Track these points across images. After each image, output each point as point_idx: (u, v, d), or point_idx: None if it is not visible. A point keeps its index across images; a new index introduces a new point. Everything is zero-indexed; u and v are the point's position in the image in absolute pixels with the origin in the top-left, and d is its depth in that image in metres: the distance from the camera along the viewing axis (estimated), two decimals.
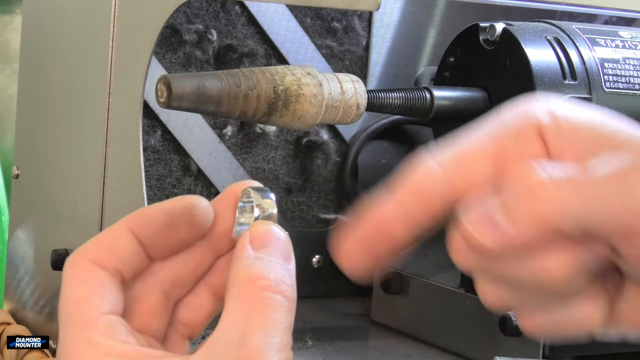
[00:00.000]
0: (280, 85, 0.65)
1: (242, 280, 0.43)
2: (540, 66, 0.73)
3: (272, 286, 0.42)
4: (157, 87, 0.61)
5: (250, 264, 0.43)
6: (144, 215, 0.45)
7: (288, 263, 0.44)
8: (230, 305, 0.42)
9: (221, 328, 0.42)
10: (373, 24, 0.93)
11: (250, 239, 0.44)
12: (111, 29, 0.73)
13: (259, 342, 0.41)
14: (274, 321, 0.42)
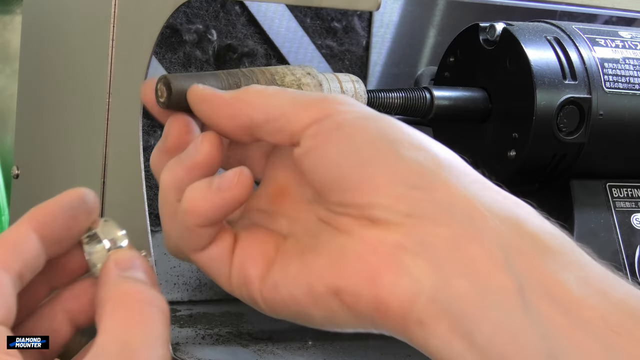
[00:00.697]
0: (280, 85, 0.65)
1: (117, 295, 0.43)
2: (540, 66, 0.73)
3: (150, 299, 0.43)
4: (157, 87, 0.61)
5: (122, 281, 0.44)
6: (45, 212, 0.46)
7: (155, 287, 0.45)
8: (106, 322, 0.42)
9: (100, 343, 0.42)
10: (373, 24, 0.93)
11: (115, 262, 0.45)
12: (111, 29, 0.73)
13: (143, 355, 0.41)
14: (155, 333, 0.42)
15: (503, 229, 0.44)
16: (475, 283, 0.42)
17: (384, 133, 0.45)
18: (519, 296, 0.42)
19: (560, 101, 0.73)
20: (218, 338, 0.78)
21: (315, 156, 0.46)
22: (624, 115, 0.76)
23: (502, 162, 0.75)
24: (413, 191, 0.44)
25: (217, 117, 0.50)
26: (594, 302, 0.42)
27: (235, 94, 0.50)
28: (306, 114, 0.47)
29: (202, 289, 0.87)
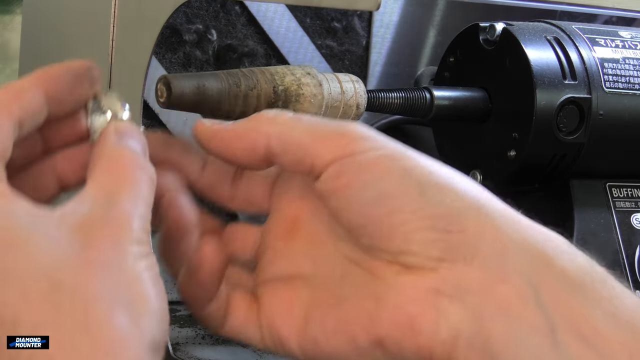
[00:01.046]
0: (280, 85, 0.65)
1: (112, 155, 0.46)
2: (540, 66, 0.73)
3: (140, 163, 0.46)
4: (157, 87, 0.61)
5: (118, 144, 0.46)
6: (52, 72, 0.47)
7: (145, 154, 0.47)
8: (97, 174, 0.45)
9: (88, 190, 0.44)
10: (373, 24, 0.93)
11: (115, 129, 0.47)
12: (111, 29, 0.73)
13: (127, 206, 0.43)
14: (141, 193, 0.44)
15: (533, 265, 0.45)
16: (509, 325, 0.43)
17: (410, 175, 0.46)
18: (550, 335, 0.43)
19: (560, 101, 0.73)
20: (218, 338, 0.78)
21: (340, 198, 0.46)
22: (624, 115, 0.76)
23: (502, 162, 0.75)
24: (443, 235, 0.45)
25: (231, 152, 0.49)
26: (622, 338, 0.43)
27: (247, 124, 0.49)
28: (326, 150, 0.47)
29: None
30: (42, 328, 0.40)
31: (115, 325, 0.40)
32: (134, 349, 0.40)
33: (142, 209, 0.44)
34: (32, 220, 0.42)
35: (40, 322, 0.40)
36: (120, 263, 0.41)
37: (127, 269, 0.42)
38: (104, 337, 0.39)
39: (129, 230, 0.42)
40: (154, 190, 0.45)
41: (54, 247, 0.41)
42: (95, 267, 0.41)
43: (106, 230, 0.42)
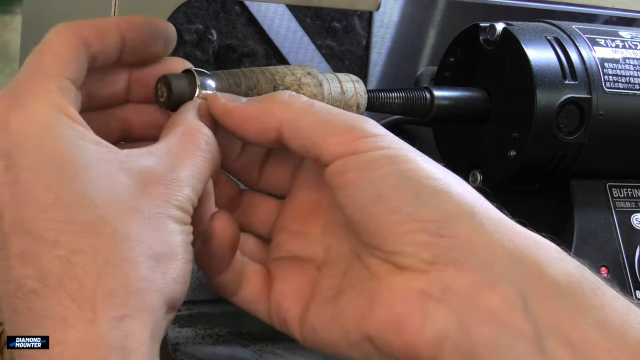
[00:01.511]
0: (280, 85, 0.65)
1: (190, 126, 0.49)
2: (540, 66, 0.73)
3: (210, 143, 0.49)
4: (157, 87, 0.61)
5: (198, 121, 0.50)
6: (134, 20, 0.51)
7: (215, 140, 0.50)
8: (170, 138, 0.48)
9: (157, 147, 0.47)
10: (373, 24, 0.93)
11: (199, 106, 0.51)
12: None
13: (186, 176, 0.46)
14: (201, 170, 0.47)
15: (523, 273, 0.45)
16: (494, 331, 0.44)
17: (407, 177, 0.47)
18: (537, 342, 0.44)
19: (560, 101, 0.73)
20: (218, 338, 0.78)
21: (344, 194, 0.48)
22: (624, 115, 0.76)
23: (502, 162, 0.75)
24: (436, 239, 0.46)
25: (243, 131, 0.51)
26: (611, 346, 0.44)
27: (261, 105, 0.51)
28: (333, 144, 0.48)
29: (202, 289, 0.87)
30: (78, 254, 0.41)
31: (144, 268, 0.42)
32: (153, 294, 0.42)
33: (198, 184, 0.47)
34: (99, 153, 0.44)
35: (77, 248, 0.41)
36: (163, 220, 0.44)
37: (167, 226, 0.44)
38: (130, 275, 0.42)
39: (179, 196, 0.45)
40: (213, 171, 0.48)
41: (110, 185, 0.43)
42: (141, 214, 0.43)
43: (161, 188, 0.45)
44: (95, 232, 0.42)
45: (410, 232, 0.46)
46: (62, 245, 0.41)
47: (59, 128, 0.44)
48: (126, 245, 0.42)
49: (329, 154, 0.48)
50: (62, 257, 0.41)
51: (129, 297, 0.41)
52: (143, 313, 0.42)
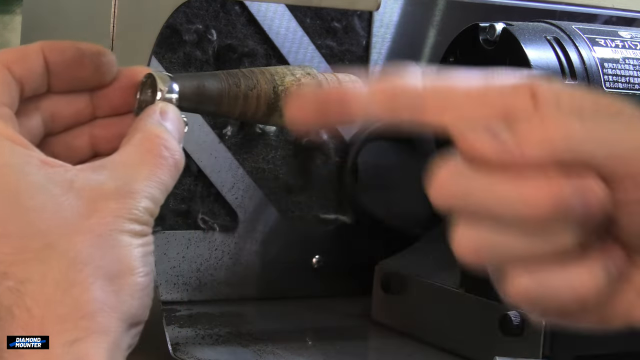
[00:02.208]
0: (280, 85, 0.65)
1: (149, 132, 0.47)
2: (540, 66, 0.73)
3: (170, 148, 0.47)
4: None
5: (159, 125, 0.48)
6: (58, 44, 0.49)
7: (180, 142, 0.49)
8: (128, 145, 0.47)
9: (111, 159, 0.46)
10: (373, 24, 0.93)
11: (160, 109, 0.49)
12: (111, 29, 0.73)
13: (141, 186, 0.45)
14: (160, 178, 0.46)
15: None
16: None
17: None
18: None
19: None
20: (218, 338, 0.78)
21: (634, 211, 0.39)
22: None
23: None
24: None
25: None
26: None
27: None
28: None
29: (202, 289, 0.87)
30: (27, 283, 0.41)
31: (95, 289, 0.42)
32: (107, 314, 0.42)
33: (156, 192, 0.45)
34: (45, 176, 0.43)
35: (26, 277, 0.42)
36: (115, 237, 0.43)
37: (120, 243, 0.43)
38: (80, 298, 0.42)
39: (134, 209, 0.44)
40: (176, 177, 0.47)
41: (57, 209, 0.43)
42: (90, 235, 0.43)
43: (112, 204, 0.44)
44: (44, 259, 0.42)
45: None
46: (11, 276, 0.42)
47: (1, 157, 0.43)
48: (73, 268, 0.42)
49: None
50: (11, 287, 0.42)
51: (80, 320, 0.41)
52: (97, 334, 0.41)
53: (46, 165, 0.44)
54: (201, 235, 0.87)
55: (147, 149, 0.46)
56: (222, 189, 0.88)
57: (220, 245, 0.88)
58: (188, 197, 0.86)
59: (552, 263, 0.39)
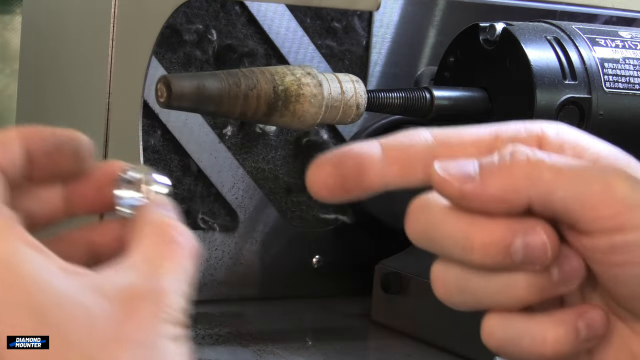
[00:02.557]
0: (280, 85, 0.65)
1: (158, 223, 0.44)
2: (540, 66, 0.73)
3: (184, 234, 0.44)
4: (157, 87, 0.61)
5: (162, 216, 0.45)
6: (37, 130, 0.46)
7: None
8: (141, 243, 0.43)
9: (131, 258, 0.42)
10: (373, 24, 0.93)
11: (157, 202, 0.46)
12: (111, 29, 0.73)
13: (170, 282, 0.42)
14: (184, 269, 0.43)
15: None
16: None
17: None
18: None
19: (560, 101, 0.73)
20: (218, 338, 0.78)
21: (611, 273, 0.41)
22: (624, 115, 0.76)
23: None
24: None
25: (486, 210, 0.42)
26: None
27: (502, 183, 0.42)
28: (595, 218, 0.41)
29: (202, 289, 0.87)
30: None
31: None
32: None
33: (184, 285, 0.43)
34: (68, 283, 0.40)
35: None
36: (154, 343, 0.40)
37: (160, 349, 0.40)
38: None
39: (168, 308, 0.41)
40: (196, 262, 0.44)
41: (90, 318, 0.40)
42: (129, 344, 0.40)
43: (146, 305, 0.41)
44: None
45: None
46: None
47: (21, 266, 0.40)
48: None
49: (589, 229, 0.41)
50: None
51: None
52: None
53: (67, 272, 0.41)
54: (201, 235, 0.87)
55: (163, 241, 0.43)
56: (222, 189, 0.88)
57: (220, 245, 0.88)
58: (188, 197, 0.86)
59: (518, 311, 0.42)
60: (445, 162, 0.42)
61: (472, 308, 0.43)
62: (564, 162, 0.41)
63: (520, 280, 0.41)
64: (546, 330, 0.41)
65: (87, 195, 0.49)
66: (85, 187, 0.48)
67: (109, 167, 0.49)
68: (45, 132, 0.47)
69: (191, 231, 0.45)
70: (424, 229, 0.42)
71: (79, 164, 0.48)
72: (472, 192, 0.41)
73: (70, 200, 0.49)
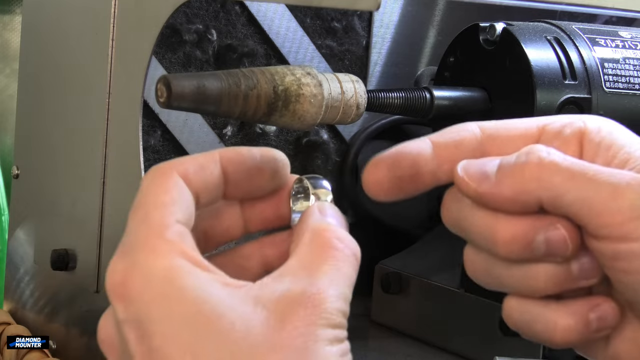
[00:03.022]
0: (280, 85, 0.65)
1: (316, 228, 0.45)
2: (540, 66, 0.73)
3: (342, 238, 0.44)
4: (157, 87, 0.61)
5: (322, 220, 0.45)
6: (236, 152, 0.47)
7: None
8: (300, 247, 0.44)
9: (289, 265, 0.43)
10: (373, 24, 0.93)
11: (318, 207, 0.47)
12: (111, 29, 0.73)
13: (325, 285, 0.42)
14: (343, 272, 0.43)
15: None
16: None
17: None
18: None
19: (560, 101, 0.73)
20: None
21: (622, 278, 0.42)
22: (624, 115, 0.76)
23: None
24: None
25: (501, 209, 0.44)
26: None
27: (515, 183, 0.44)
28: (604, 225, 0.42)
29: None
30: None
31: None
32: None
33: (343, 289, 0.42)
34: (230, 297, 0.41)
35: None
36: (310, 347, 0.40)
37: (316, 353, 0.41)
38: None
39: (325, 313, 0.41)
40: (357, 268, 0.44)
41: (246, 328, 0.40)
42: (283, 351, 0.40)
43: (302, 310, 0.41)
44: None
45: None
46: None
47: (182, 280, 0.41)
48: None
49: (596, 234, 0.42)
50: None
51: None
52: None
53: (228, 285, 0.42)
54: None
55: (319, 246, 0.44)
56: None
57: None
58: None
59: (535, 298, 0.44)
60: (469, 163, 0.44)
61: (496, 289, 0.45)
62: (578, 165, 0.43)
63: (541, 273, 0.43)
64: (558, 318, 0.43)
65: (264, 212, 0.49)
66: (262, 203, 0.49)
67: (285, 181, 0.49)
68: (244, 154, 0.47)
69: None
70: (456, 218, 0.45)
71: (276, 183, 0.48)
72: (486, 192, 0.43)
73: (248, 218, 0.49)
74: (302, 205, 0.48)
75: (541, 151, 0.43)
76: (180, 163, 0.45)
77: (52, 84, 0.83)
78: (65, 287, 0.78)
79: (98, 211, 0.74)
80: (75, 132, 0.78)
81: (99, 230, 0.74)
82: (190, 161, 0.45)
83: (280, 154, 0.48)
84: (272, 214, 0.49)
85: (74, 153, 0.79)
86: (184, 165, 0.45)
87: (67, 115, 0.80)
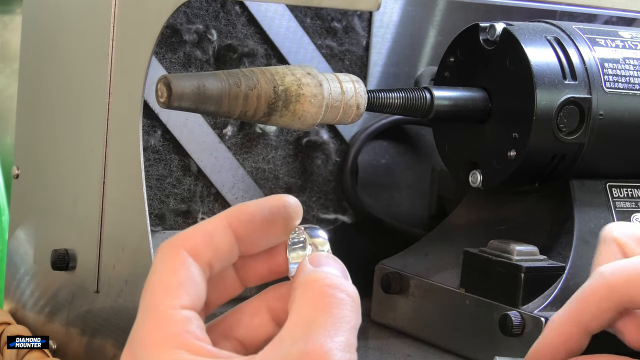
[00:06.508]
0: (280, 85, 0.65)
1: (306, 281, 0.44)
2: (540, 66, 0.73)
3: (336, 284, 0.43)
4: (157, 87, 0.61)
5: (313, 271, 0.45)
6: (244, 212, 0.46)
7: (346, 278, 0.45)
8: (295, 304, 0.43)
9: (287, 326, 0.42)
10: (373, 24, 0.93)
11: (310, 259, 0.46)
12: (111, 29, 0.73)
13: (322, 339, 0.41)
14: (339, 319, 0.42)
15: None
16: None
17: None
18: None
19: (560, 101, 0.73)
20: None
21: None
22: (624, 115, 0.76)
23: (502, 162, 0.75)
24: None
25: None
26: None
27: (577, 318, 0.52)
28: None
29: None
30: None
31: None
32: None
33: (344, 337, 0.42)
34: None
35: None
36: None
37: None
38: None
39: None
40: (358, 311, 0.43)
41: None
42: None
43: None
44: None
45: None
46: None
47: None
48: None
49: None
50: None
51: None
52: None
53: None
54: None
55: (312, 299, 0.43)
56: (222, 189, 0.88)
57: None
58: (188, 197, 0.86)
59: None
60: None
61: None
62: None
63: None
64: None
65: (259, 268, 0.49)
66: (257, 258, 0.48)
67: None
68: (251, 211, 0.46)
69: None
70: None
71: (289, 229, 0.47)
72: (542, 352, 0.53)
73: (244, 273, 0.49)
74: (298, 256, 0.47)
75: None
76: (189, 238, 0.44)
77: (52, 84, 0.83)
78: (65, 287, 0.78)
79: (98, 211, 0.74)
80: (75, 132, 0.78)
81: (99, 230, 0.74)
82: (199, 233, 0.44)
83: (291, 198, 0.47)
84: (266, 269, 0.49)
85: (74, 153, 0.79)
86: (193, 239, 0.44)
87: (67, 116, 0.80)
